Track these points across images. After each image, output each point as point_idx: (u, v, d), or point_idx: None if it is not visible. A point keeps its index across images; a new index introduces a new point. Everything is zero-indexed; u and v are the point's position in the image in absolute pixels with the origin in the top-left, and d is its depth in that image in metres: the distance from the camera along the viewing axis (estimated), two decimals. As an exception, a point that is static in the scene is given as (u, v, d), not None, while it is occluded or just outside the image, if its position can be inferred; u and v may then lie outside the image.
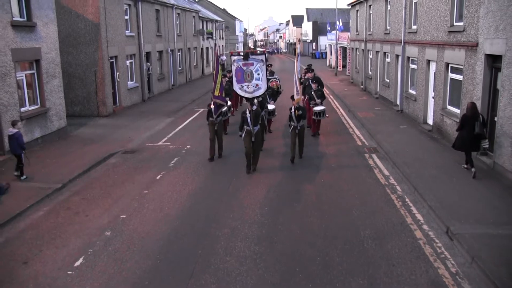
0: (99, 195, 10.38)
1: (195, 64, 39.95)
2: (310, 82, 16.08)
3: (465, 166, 11.18)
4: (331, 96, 26.15)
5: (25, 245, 7.92)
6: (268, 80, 15.91)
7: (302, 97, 13.63)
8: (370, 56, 26.80)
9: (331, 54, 47.94)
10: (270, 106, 15.29)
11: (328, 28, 49.55)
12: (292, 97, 13.14)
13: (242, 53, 13.86)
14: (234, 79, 13.65)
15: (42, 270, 7.04)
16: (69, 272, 6.93)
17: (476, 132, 10.33)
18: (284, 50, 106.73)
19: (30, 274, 6.92)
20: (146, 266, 7.07)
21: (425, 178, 10.79)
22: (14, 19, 13.28)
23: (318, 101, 15.40)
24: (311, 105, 15.55)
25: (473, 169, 10.67)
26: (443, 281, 6.58)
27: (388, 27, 22.21)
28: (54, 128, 15.30)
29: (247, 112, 11.65)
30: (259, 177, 11.50)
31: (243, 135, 11.68)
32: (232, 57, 13.73)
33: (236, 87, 13.73)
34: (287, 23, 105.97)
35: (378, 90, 24.49)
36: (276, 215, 9.03)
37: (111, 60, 20.87)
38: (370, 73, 26.67)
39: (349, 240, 7.91)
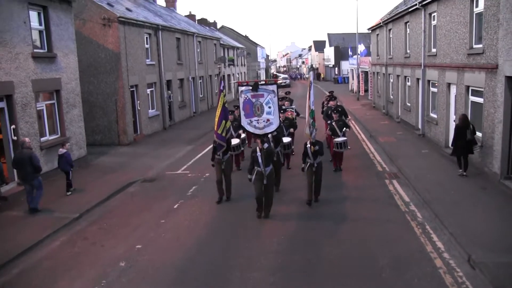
0: (116, 224, 10.42)
1: (216, 91, 40.42)
2: (333, 111, 15.15)
3: (460, 171, 12.81)
4: (352, 121, 25.89)
5: (40, 276, 7.96)
6: (284, 110, 15.01)
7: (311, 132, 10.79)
8: (391, 80, 26.61)
9: (353, 79, 47.86)
10: (286, 139, 13.96)
11: (350, 53, 49.61)
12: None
13: (250, 83, 11.68)
14: (242, 113, 11.53)
15: (55, 301, 7.04)
16: (82, 304, 6.91)
17: (468, 138, 12.30)
18: (307, 76, 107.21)
19: (43, 306, 6.92)
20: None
21: (446, 204, 10.48)
22: (35, 50, 13.72)
23: (340, 134, 14.23)
24: (331, 136, 14.49)
25: (464, 173, 12.63)
26: (465, 314, 6.29)
27: (408, 51, 22.08)
28: (74, 157, 15.54)
29: (257, 150, 10.17)
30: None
31: (253, 178, 10.18)
32: (239, 87, 11.65)
33: (244, 122, 11.55)
34: (309, 49, 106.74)
35: (399, 114, 24.20)
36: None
37: (131, 89, 21.30)
38: (392, 97, 26.43)
39: (367, 270, 7.67)
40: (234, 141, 13.80)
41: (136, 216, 10.96)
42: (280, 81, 68.54)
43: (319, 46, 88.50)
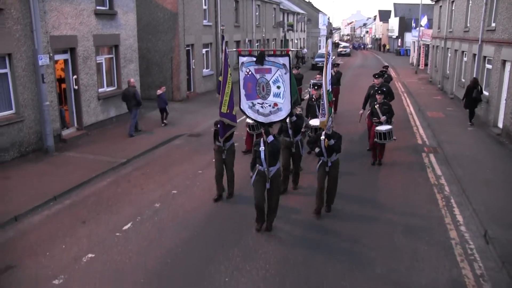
0: (157, 171, 11.34)
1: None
2: (376, 91, 12.35)
3: (470, 123, 16.50)
4: (405, 94, 25.53)
5: (87, 208, 9.03)
6: (318, 86, 12.10)
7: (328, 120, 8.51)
8: (449, 55, 25.70)
9: (414, 52, 46.26)
10: (314, 122, 11.49)
11: (413, 25, 47.78)
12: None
13: (254, 53, 8.50)
14: (242, 92, 8.58)
15: (96, 230, 8.05)
16: (117, 234, 7.87)
17: (473, 96, 16.12)
18: (370, 46, 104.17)
19: (86, 232, 7.94)
20: (183, 237, 7.79)
21: (477, 181, 10.50)
22: (97, 7, 14.69)
23: (383, 118, 11.75)
24: (373, 123, 12.09)
25: (469, 123, 16.51)
26: (464, 281, 6.58)
27: (468, 25, 21.22)
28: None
29: (261, 143, 7.83)
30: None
31: (253, 178, 7.95)
32: (239, 58, 8.47)
33: (244, 105, 8.61)
34: (374, 18, 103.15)
35: (453, 90, 23.50)
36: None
37: (187, 48, 22.09)
38: (448, 72, 25.60)
39: (379, 233, 8.07)
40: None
41: (177, 165, 11.83)
42: (340, 50, 67.56)
43: (384, 16, 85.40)
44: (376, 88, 12.93)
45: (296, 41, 50.11)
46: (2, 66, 11.48)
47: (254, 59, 8.15)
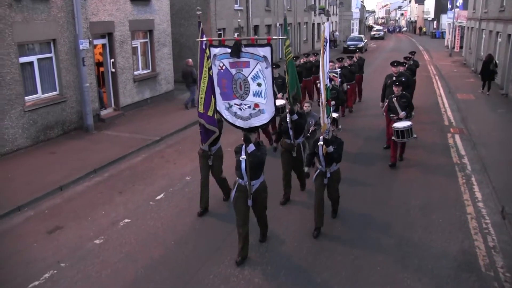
0: (189, 148, 11.99)
1: (305, 39, 40.65)
2: (394, 82, 10.71)
3: (481, 90, 19.10)
4: (436, 77, 25.30)
5: (123, 180, 9.81)
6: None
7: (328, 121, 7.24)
8: (483, 36, 25.23)
9: (449, 34, 45.22)
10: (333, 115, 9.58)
11: (449, 6, 46.57)
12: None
13: (228, 43, 6.56)
14: (217, 90, 6.78)
15: (131, 199, 8.81)
16: (151, 203, 8.60)
17: (491, 69, 18.48)
18: (405, 29, 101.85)
19: (122, 201, 8.71)
20: (210, 207, 8.39)
21: (501, 161, 10.63)
22: (132, -6, 15.39)
23: (402, 114, 10.29)
24: (391, 119, 10.66)
25: (487, 92, 18.57)
26: (475, 252, 6.89)
27: (504, 4, 20.80)
28: (162, 91, 17.45)
29: (242, 152, 6.53)
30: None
31: (233, 194, 6.68)
32: (211, 49, 6.54)
33: (220, 105, 6.88)
34: (410, 0, 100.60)
35: (488, 72, 23.14)
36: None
37: (218, 32, 22.62)
38: (482, 54, 25.16)
39: (394, 206, 8.46)
40: (280, 102, 11.15)
41: (207, 144, 12.46)
42: (373, 33, 66.55)
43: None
44: (393, 78, 11.63)
45: (328, 24, 49.78)
46: (48, 51, 12.35)
47: (229, 50, 6.28)
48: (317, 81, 10.85)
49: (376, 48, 46.71)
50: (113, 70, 14.89)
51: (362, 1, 75.83)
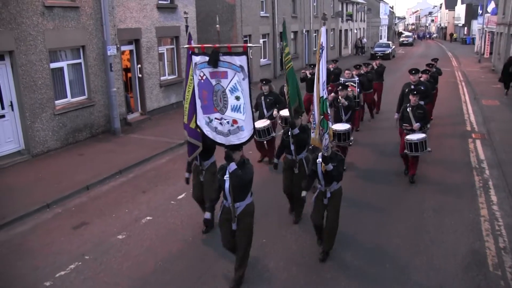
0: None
1: (332, 45, 40.79)
2: (411, 92, 9.98)
3: (505, 93, 19.69)
4: (463, 83, 25.04)
5: (147, 180, 10.27)
6: (344, 86, 10.71)
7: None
8: (512, 42, 24.87)
9: (479, 40, 44.51)
10: (343, 126, 10.03)
11: (480, 11, 45.85)
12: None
13: (207, 50, 5.86)
14: (198, 103, 6.24)
15: (154, 198, 9.26)
16: (172, 202, 9.02)
17: (510, 71, 19.24)
18: (435, 35, 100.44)
19: (145, 200, 9.16)
20: (229, 205, 8.74)
21: (520, 166, 10.63)
22: (159, 2, 15.99)
23: (416, 126, 9.61)
24: (403, 130, 9.95)
25: (507, 92, 19.42)
26: (485, 252, 6.99)
27: (532, 10, 20.55)
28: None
29: (227, 171, 5.90)
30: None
31: (218, 217, 6.31)
32: (192, 57, 6.10)
33: (200, 119, 6.32)
34: (440, 6, 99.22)
35: (516, 78, 22.78)
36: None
37: (245, 39, 23.09)
38: (510, 59, 24.76)
39: (408, 208, 8.61)
40: (261, 123, 10.38)
41: (228, 147, 12.83)
42: (402, 39, 65.92)
43: (450, 3, 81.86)
44: (412, 87, 11.06)
45: (355, 31, 49.77)
46: (77, 57, 13.01)
47: (208, 58, 5.75)
48: (338, 88, 10.60)
49: (404, 55, 46.35)
50: (140, 75, 15.48)
51: (392, 8, 75.37)
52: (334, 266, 6.67)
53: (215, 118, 6.02)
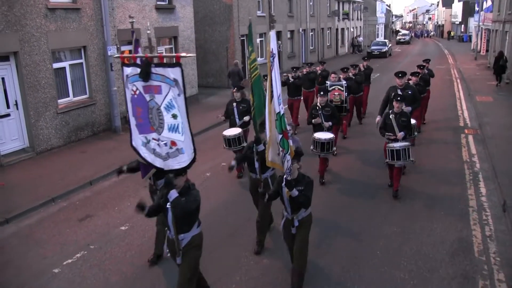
0: (209, 148, 12.74)
1: (328, 44, 41.14)
2: (395, 98, 9.02)
3: (497, 83, 21.67)
4: (458, 80, 25.41)
5: (148, 176, 10.60)
6: (326, 90, 10.32)
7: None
8: (507, 38, 25.21)
9: (475, 37, 44.89)
10: (325, 135, 9.24)
11: (476, 9, 46.20)
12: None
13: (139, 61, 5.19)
14: (132, 121, 5.51)
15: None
16: (172, 195, 9.33)
17: (500, 64, 21.48)
18: (433, 33, 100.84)
19: (147, 193, 9.29)
20: (227, 199, 9.10)
21: (510, 159, 10.92)
22: (158, 3, 16.35)
23: (400, 135, 8.70)
24: (386, 139, 9.06)
25: (499, 84, 21.37)
26: (471, 240, 7.34)
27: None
28: (186, 95, 18.24)
29: (170, 199, 5.07)
30: None
31: (164, 249, 5.98)
32: (123, 68, 5.30)
33: (136, 140, 5.58)
34: (437, 4, 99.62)
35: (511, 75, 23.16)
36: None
37: (242, 38, 23.43)
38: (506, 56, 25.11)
39: (403, 198, 8.95)
40: (232, 131, 9.89)
41: (227, 144, 13.17)
42: (399, 37, 66.30)
43: (447, 0, 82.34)
44: (399, 90, 10.17)
45: (352, 30, 50.11)
46: (79, 57, 13.36)
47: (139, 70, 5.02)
48: (319, 94, 9.88)
49: (401, 53, 46.73)
50: (140, 75, 15.78)
51: (388, 6, 75.70)
52: (327, 256, 7.01)
53: (153, 139, 5.24)
